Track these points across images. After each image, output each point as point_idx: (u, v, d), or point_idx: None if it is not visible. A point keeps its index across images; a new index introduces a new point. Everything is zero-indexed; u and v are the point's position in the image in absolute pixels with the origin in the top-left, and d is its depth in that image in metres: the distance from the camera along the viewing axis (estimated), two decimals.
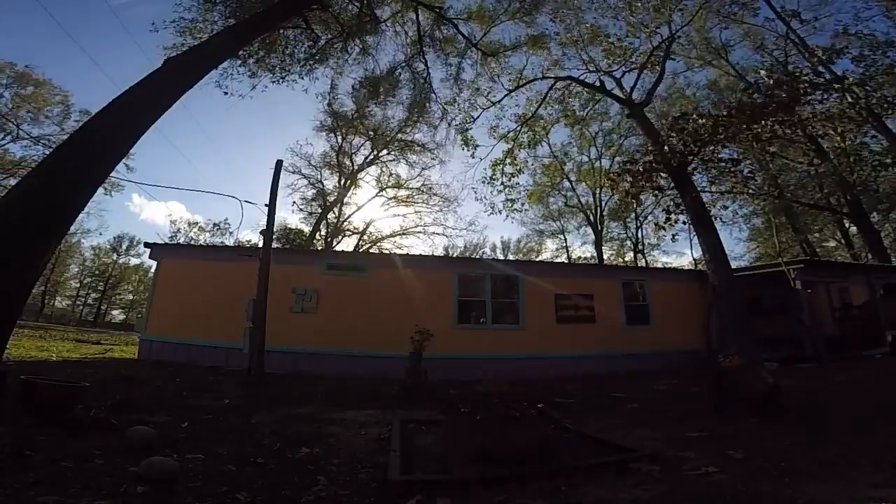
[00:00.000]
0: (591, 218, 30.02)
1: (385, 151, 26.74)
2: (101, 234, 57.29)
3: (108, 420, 3.84)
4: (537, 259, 33.38)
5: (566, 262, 29.57)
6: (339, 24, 12.11)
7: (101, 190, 19.41)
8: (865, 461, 3.15)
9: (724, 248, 9.89)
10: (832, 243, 27.34)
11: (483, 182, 16.07)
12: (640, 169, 9.20)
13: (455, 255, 28.56)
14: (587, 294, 11.63)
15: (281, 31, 11.50)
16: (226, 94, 12.38)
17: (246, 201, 16.14)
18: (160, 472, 2.65)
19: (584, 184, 29.07)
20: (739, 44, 17.85)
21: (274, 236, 9.69)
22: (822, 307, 12.44)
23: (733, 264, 12.92)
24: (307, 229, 26.78)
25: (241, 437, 3.91)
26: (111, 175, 5.77)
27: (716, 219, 10.19)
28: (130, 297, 55.25)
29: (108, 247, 50.05)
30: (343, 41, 12.97)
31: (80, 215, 6.81)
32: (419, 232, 29.33)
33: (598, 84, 14.50)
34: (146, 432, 3.42)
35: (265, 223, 9.11)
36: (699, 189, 10.17)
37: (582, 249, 34.12)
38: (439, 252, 29.60)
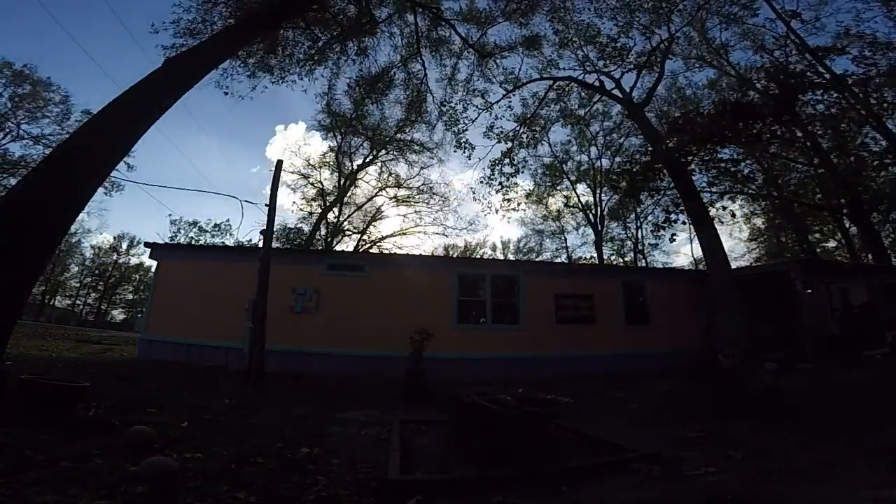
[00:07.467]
0: (591, 218, 30.02)
1: (384, 151, 26.72)
2: (101, 233, 57.34)
3: (108, 420, 3.84)
4: (537, 259, 33.40)
5: (566, 262, 29.57)
6: (338, 25, 12.13)
7: (101, 189, 19.37)
8: (865, 461, 3.15)
9: (724, 248, 9.90)
10: (832, 243, 27.32)
11: (481, 182, 16.12)
12: (639, 170, 9.22)
13: (455, 255, 28.57)
14: (587, 294, 11.61)
15: (281, 32, 11.51)
16: (226, 94, 12.44)
17: (246, 201, 16.14)
18: (160, 472, 2.65)
19: (583, 183, 29.07)
20: (740, 44, 17.84)
21: (274, 236, 9.69)
22: (822, 307, 12.41)
23: (733, 264, 12.94)
24: (307, 229, 26.78)
25: (241, 437, 3.91)
26: (111, 174, 5.78)
27: (715, 219, 10.20)
28: (131, 296, 55.30)
29: (109, 246, 50.15)
30: (341, 42, 12.98)
31: (81, 215, 6.82)
32: (419, 232, 29.33)
33: (597, 84, 14.50)
34: (146, 432, 3.42)
35: (265, 223, 9.14)
36: (699, 189, 10.16)
37: (582, 249, 34.14)
38: (439, 252, 29.64)
